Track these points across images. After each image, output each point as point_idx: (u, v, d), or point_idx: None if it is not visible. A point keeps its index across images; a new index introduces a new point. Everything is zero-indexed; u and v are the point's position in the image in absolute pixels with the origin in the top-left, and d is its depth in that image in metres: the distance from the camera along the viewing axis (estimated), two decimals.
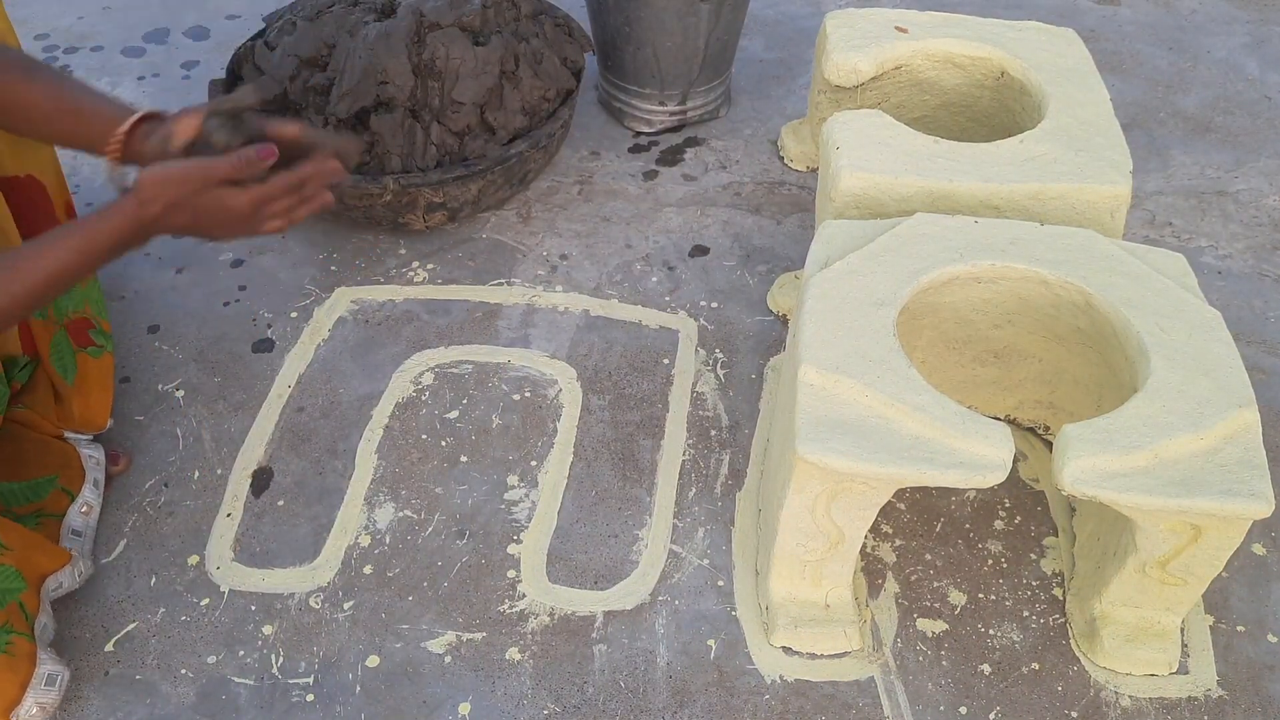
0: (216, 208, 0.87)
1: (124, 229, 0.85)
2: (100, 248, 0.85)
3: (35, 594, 0.93)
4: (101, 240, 0.85)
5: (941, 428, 0.85)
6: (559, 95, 1.38)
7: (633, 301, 1.34)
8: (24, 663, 0.89)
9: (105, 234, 0.85)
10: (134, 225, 0.86)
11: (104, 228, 0.85)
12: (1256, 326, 1.33)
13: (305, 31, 1.32)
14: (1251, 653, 1.01)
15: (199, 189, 0.86)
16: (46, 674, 0.91)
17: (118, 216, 0.85)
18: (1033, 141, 1.13)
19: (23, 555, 0.92)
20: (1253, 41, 1.86)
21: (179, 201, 0.86)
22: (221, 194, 0.87)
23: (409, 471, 1.14)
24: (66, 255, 0.84)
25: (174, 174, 0.85)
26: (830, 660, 0.99)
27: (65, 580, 0.97)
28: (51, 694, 0.91)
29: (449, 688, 0.97)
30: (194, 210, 0.87)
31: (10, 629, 0.88)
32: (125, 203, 0.85)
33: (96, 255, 0.85)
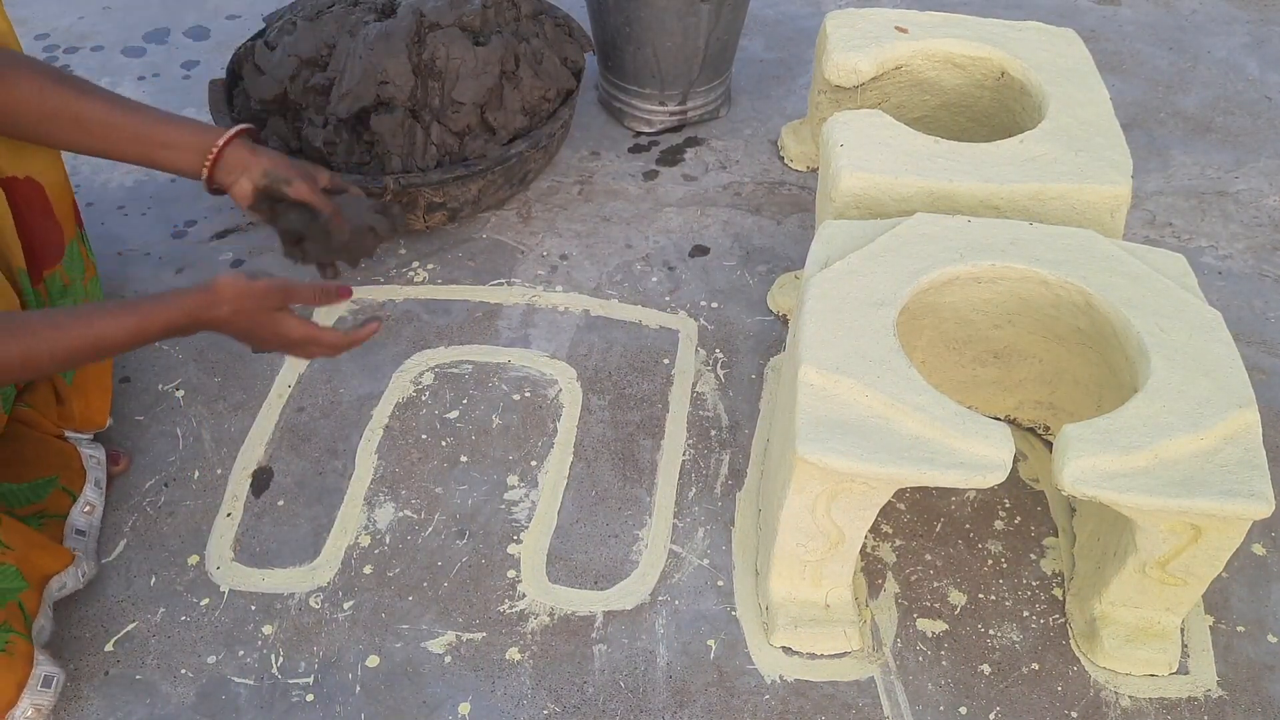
0: (273, 330, 0.93)
1: (182, 321, 0.89)
2: (154, 331, 0.87)
3: (37, 594, 0.93)
4: (157, 325, 0.87)
5: (941, 428, 0.85)
6: (559, 95, 1.38)
7: (633, 301, 1.34)
8: (21, 663, 0.89)
9: (162, 321, 0.88)
10: (193, 320, 0.89)
11: (163, 315, 0.87)
12: (1256, 326, 1.33)
13: (305, 31, 1.32)
14: (1251, 653, 1.01)
15: (270, 307, 0.92)
16: (43, 675, 0.91)
17: (180, 307, 0.88)
18: (1033, 141, 1.13)
19: (24, 555, 0.91)
20: (1253, 41, 1.86)
21: (246, 312, 0.91)
22: (283, 318, 0.93)
23: (409, 471, 1.14)
24: (118, 331, 0.86)
25: (256, 289, 0.90)
26: (830, 660, 0.99)
27: (69, 581, 0.97)
28: (47, 696, 0.91)
29: (449, 688, 0.97)
30: (253, 323, 0.92)
31: (9, 628, 0.88)
32: (193, 297, 0.88)
33: (148, 336, 0.88)
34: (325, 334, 0.96)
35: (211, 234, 1.41)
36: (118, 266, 1.35)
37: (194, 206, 1.45)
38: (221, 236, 1.40)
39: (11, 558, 0.89)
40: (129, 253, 1.38)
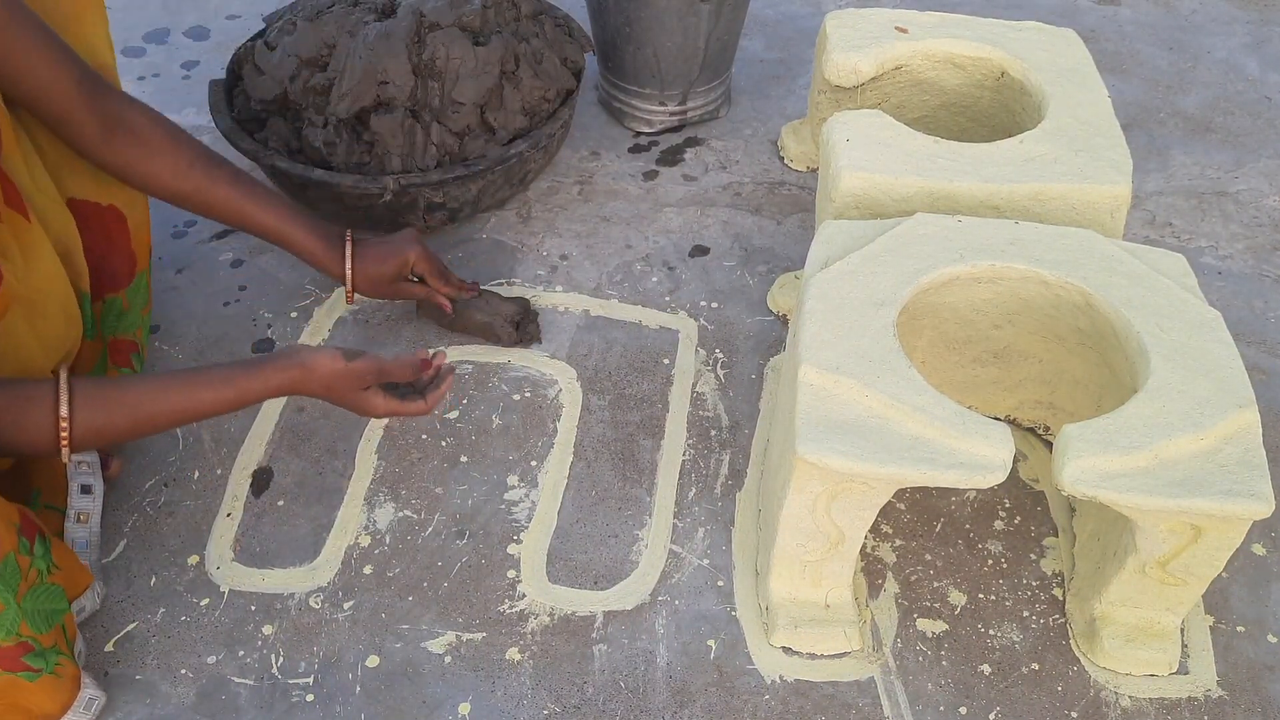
0: (360, 406, 0.98)
1: (274, 393, 0.94)
2: (246, 401, 0.93)
3: (71, 614, 0.93)
4: (251, 397, 0.93)
5: (941, 428, 0.85)
6: (559, 95, 1.38)
7: (633, 301, 1.34)
8: (69, 685, 0.89)
9: (256, 393, 0.93)
10: (285, 392, 0.94)
11: (259, 390, 0.93)
12: (1256, 326, 1.33)
13: (305, 31, 1.32)
14: (1251, 653, 1.01)
15: (362, 388, 0.96)
16: (88, 698, 0.91)
17: (277, 384, 0.93)
18: (1033, 142, 1.13)
19: (69, 575, 0.91)
20: (1253, 41, 1.86)
21: (338, 391, 0.95)
22: (372, 397, 0.97)
23: (409, 471, 1.14)
24: (216, 404, 0.91)
25: (353, 372, 0.95)
26: (830, 660, 0.99)
27: (87, 604, 0.97)
28: (88, 717, 0.91)
29: (449, 688, 0.97)
30: (343, 400, 0.97)
31: (58, 650, 0.87)
32: (290, 374, 0.93)
33: (239, 405, 0.93)
34: (409, 406, 0.99)
35: (212, 234, 1.41)
36: None
37: None
38: (221, 237, 1.40)
39: (60, 578, 0.89)
40: None
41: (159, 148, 1.03)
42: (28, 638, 0.83)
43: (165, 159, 1.03)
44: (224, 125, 1.31)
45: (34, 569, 0.84)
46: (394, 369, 0.98)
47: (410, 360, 1.00)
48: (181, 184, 1.05)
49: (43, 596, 0.86)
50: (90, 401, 0.86)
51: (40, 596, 0.85)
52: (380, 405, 0.98)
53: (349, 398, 0.96)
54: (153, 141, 1.02)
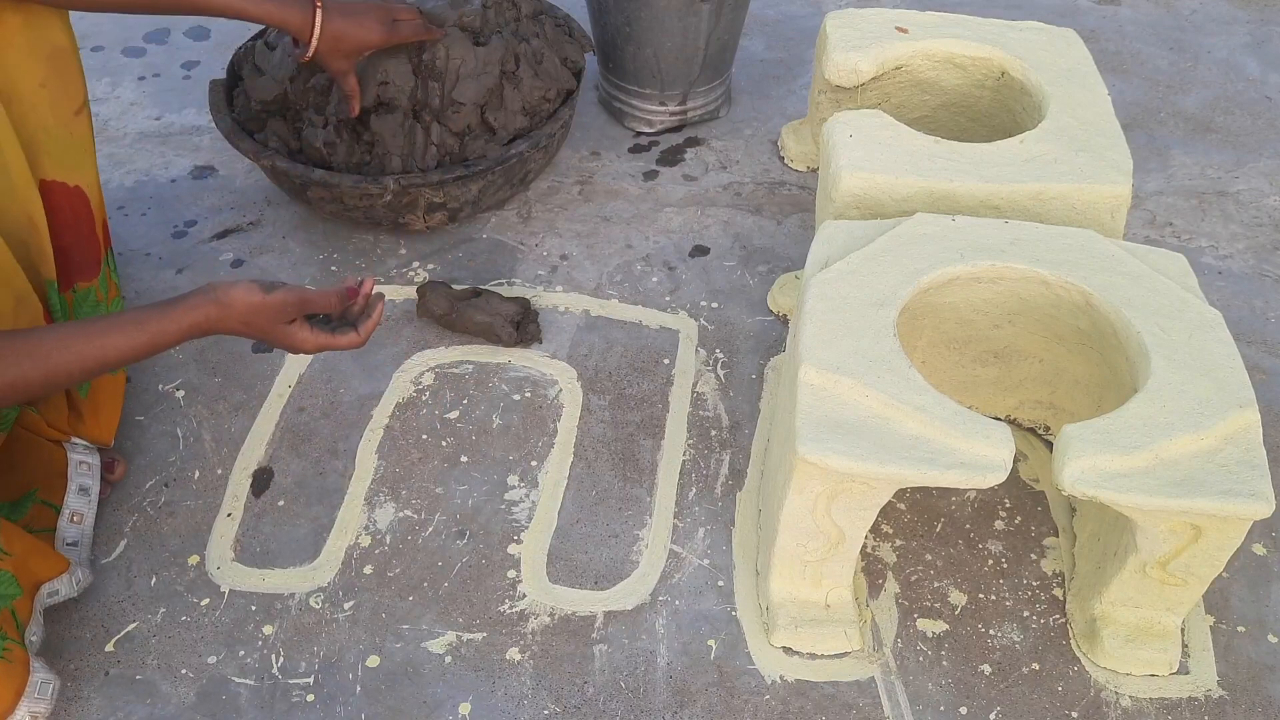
0: (285, 341, 0.93)
1: (190, 332, 0.89)
2: (165, 345, 0.88)
3: (29, 601, 0.92)
4: (167, 339, 0.88)
5: (942, 428, 0.85)
6: (559, 95, 1.38)
7: (633, 301, 1.34)
8: (19, 670, 0.88)
9: (171, 334, 0.88)
10: (201, 331, 0.90)
11: (175, 331, 0.88)
12: (1257, 326, 1.33)
13: None
14: (1252, 653, 1.01)
15: (284, 321, 0.92)
16: (39, 681, 0.90)
17: (190, 319, 0.89)
18: (1033, 141, 1.13)
19: (21, 561, 0.91)
20: (1253, 41, 1.86)
21: (257, 325, 0.91)
22: (296, 331, 0.93)
23: (409, 471, 1.14)
24: (130, 348, 0.87)
25: (271, 304, 0.90)
26: (830, 660, 0.99)
27: (62, 588, 0.97)
28: (43, 704, 0.90)
29: (449, 688, 0.97)
30: (265, 335, 0.92)
31: (4, 635, 0.87)
32: (205, 310, 0.89)
33: (158, 349, 0.89)
34: (339, 340, 0.95)
35: (211, 234, 1.41)
36: (118, 266, 1.34)
37: (194, 206, 1.45)
38: (221, 237, 1.40)
39: (9, 564, 0.89)
40: (129, 253, 1.38)
41: None
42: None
43: None
44: (224, 125, 1.31)
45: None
46: (317, 300, 0.93)
47: (335, 290, 0.95)
48: None
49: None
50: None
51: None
52: (308, 340, 0.93)
53: (272, 332, 0.92)
54: None
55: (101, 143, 1.54)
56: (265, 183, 1.47)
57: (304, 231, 1.41)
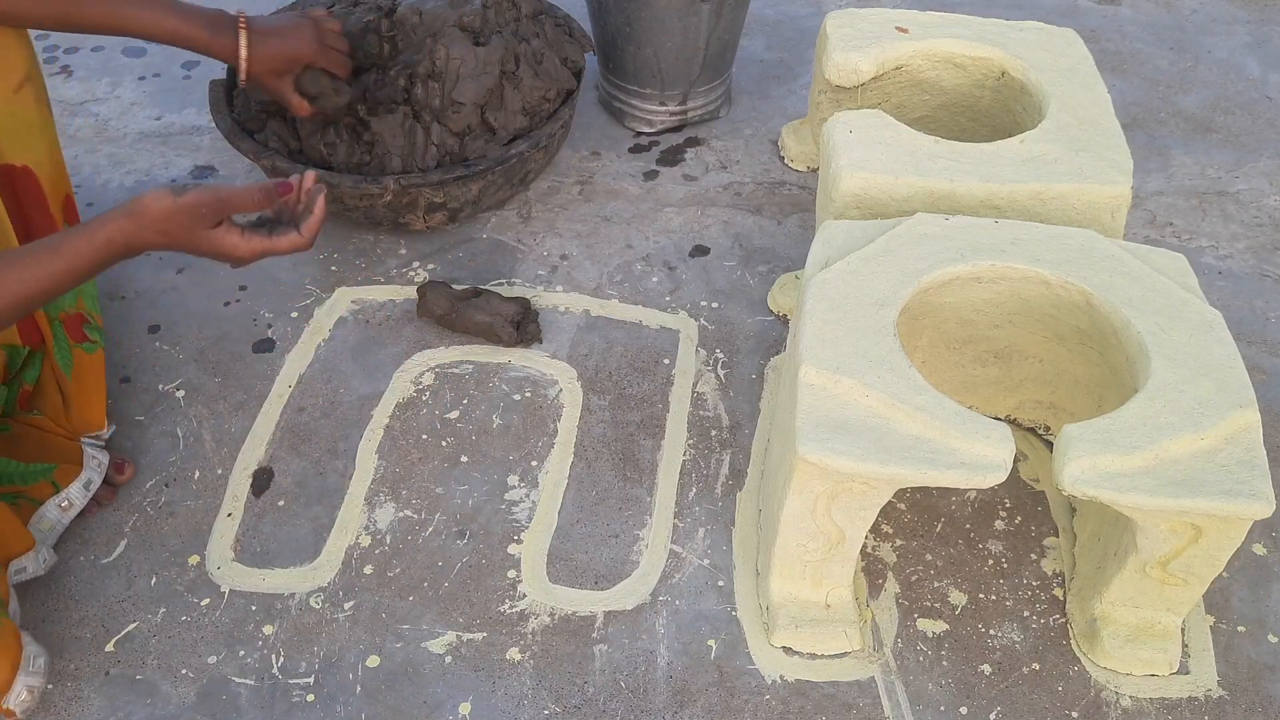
0: (214, 248, 0.87)
1: (107, 251, 0.84)
2: (81, 267, 0.83)
3: (3, 577, 0.92)
4: (85, 261, 0.83)
5: (942, 428, 0.85)
6: (559, 95, 1.38)
7: (633, 301, 1.34)
8: (12, 642, 0.89)
9: (87, 255, 0.83)
10: (125, 250, 0.84)
11: (89, 252, 0.83)
12: (1257, 326, 1.33)
13: None
14: (1252, 653, 1.01)
15: (205, 225, 0.85)
16: (31, 655, 0.91)
17: (104, 234, 0.83)
18: (1033, 141, 1.13)
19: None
20: (1253, 41, 1.86)
21: (175, 233, 0.85)
22: (224, 235, 0.86)
23: (409, 471, 1.14)
24: (47, 276, 0.81)
25: (183, 206, 0.83)
26: (830, 660, 0.99)
27: (29, 565, 0.97)
28: (38, 679, 0.91)
29: (449, 688, 0.97)
30: (189, 243, 0.86)
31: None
32: (116, 224, 0.83)
33: (75, 273, 0.83)
34: (279, 242, 0.88)
35: None
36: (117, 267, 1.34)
37: None
38: None
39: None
40: None
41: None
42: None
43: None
44: (224, 125, 1.31)
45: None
46: (239, 197, 0.86)
47: (260, 185, 0.87)
48: (47, 7, 0.97)
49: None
50: None
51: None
52: (239, 245, 0.86)
53: (194, 240, 0.85)
54: None
55: (101, 143, 1.54)
56: None
57: None
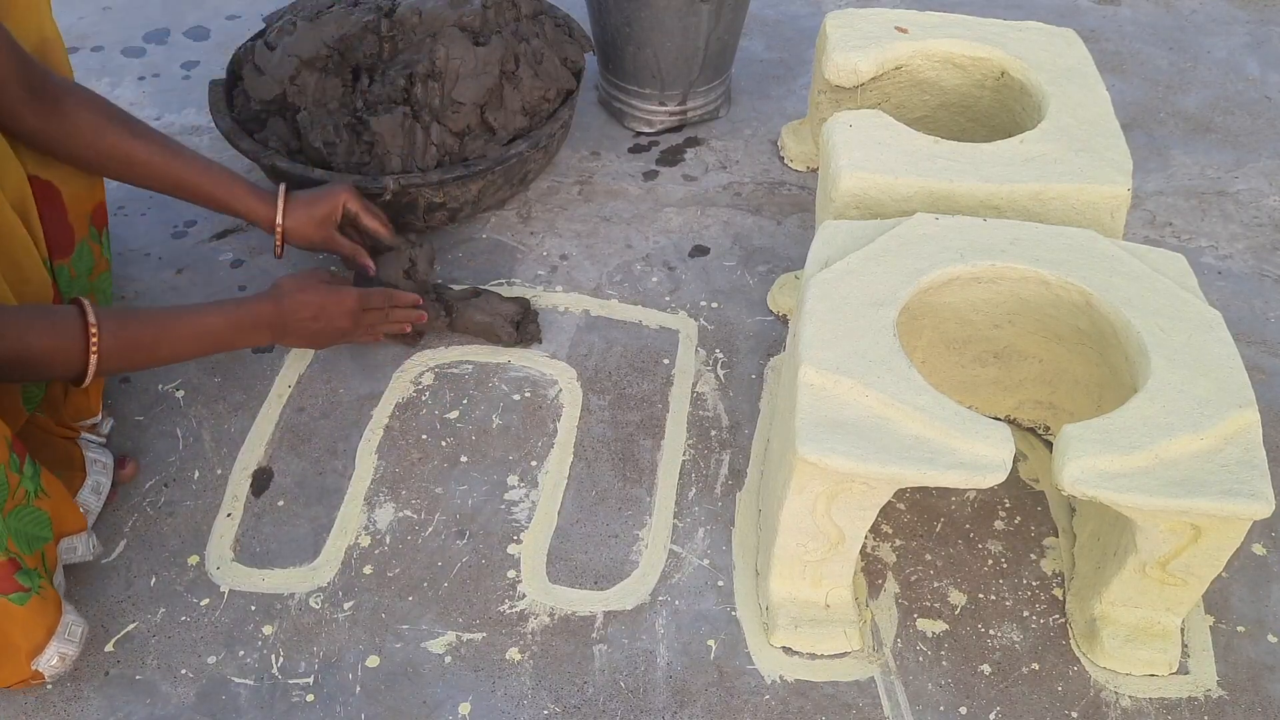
0: (334, 296, 1.09)
1: (268, 313, 1.05)
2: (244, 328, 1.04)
3: (55, 549, 0.94)
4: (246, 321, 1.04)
5: (942, 428, 0.85)
6: (559, 95, 1.38)
7: (633, 301, 1.34)
8: (52, 608, 0.90)
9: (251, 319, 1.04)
10: (276, 311, 1.06)
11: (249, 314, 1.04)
12: (1256, 326, 1.33)
13: (305, 32, 1.32)
14: (1252, 653, 1.01)
15: (324, 279, 1.10)
16: (69, 623, 0.92)
17: (264, 304, 1.05)
18: (1033, 142, 1.13)
19: (56, 506, 0.93)
20: (1253, 41, 1.86)
21: (309, 287, 1.08)
22: (338, 286, 1.10)
23: (409, 471, 1.14)
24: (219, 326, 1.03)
25: (307, 270, 1.10)
26: (830, 660, 0.99)
27: (80, 546, 0.98)
28: (72, 647, 0.92)
29: (449, 688, 0.97)
30: (319, 297, 1.08)
31: (39, 574, 0.88)
32: (269, 295, 1.07)
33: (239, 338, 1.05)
34: (373, 292, 1.15)
35: (211, 234, 1.41)
36: (117, 266, 1.35)
37: (194, 207, 1.44)
38: (221, 237, 1.40)
39: (47, 505, 0.90)
40: (129, 253, 1.38)
41: (77, 106, 1.04)
42: (14, 554, 0.85)
43: (85, 118, 1.04)
44: (224, 125, 1.31)
45: (22, 488, 0.86)
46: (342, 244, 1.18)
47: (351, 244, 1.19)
48: (102, 141, 1.06)
49: (28, 520, 0.87)
50: (113, 314, 0.94)
51: (25, 519, 0.87)
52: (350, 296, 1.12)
53: (326, 296, 1.10)
54: (70, 101, 1.03)
55: None
56: (265, 182, 1.47)
57: None
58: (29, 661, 0.89)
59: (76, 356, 0.91)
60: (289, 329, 1.08)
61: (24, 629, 0.88)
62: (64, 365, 0.91)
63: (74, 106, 1.04)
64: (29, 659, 0.89)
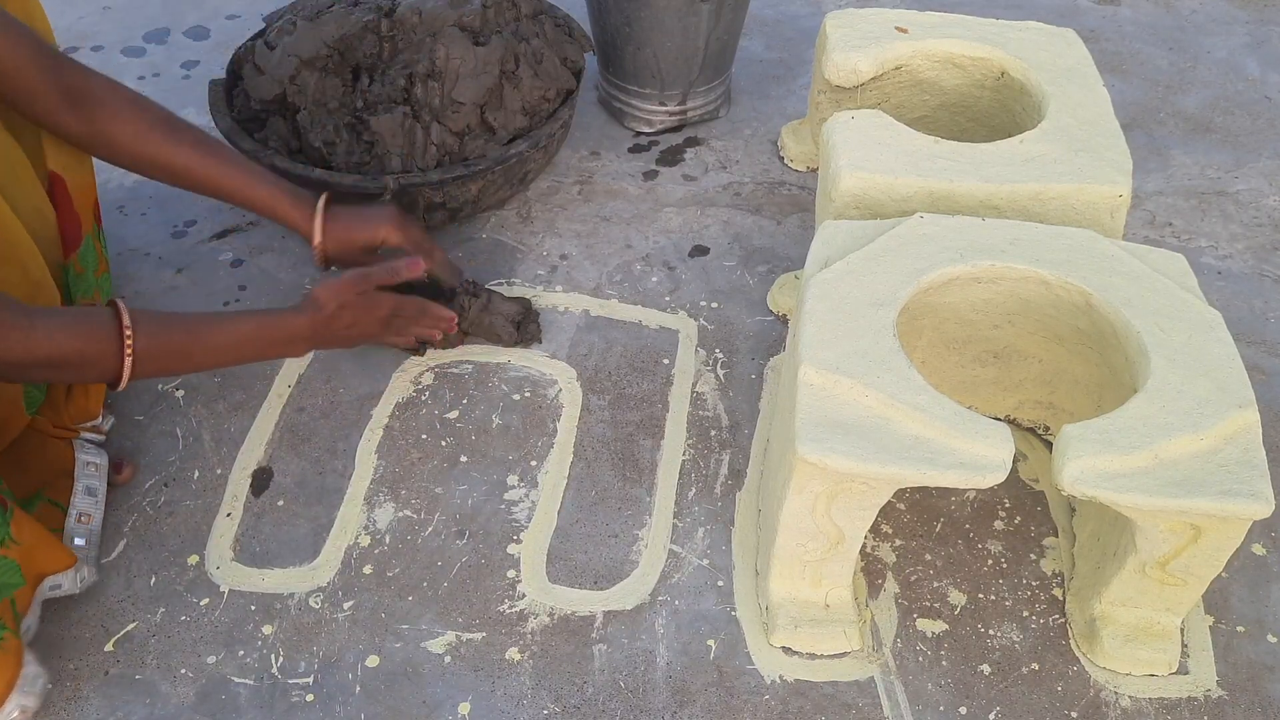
0: (368, 305, 1.08)
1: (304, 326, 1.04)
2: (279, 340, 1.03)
3: (30, 591, 0.92)
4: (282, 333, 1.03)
5: (941, 428, 0.85)
6: (559, 95, 1.38)
7: (633, 301, 1.34)
8: (12, 660, 0.89)
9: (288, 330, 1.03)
10: (311, 325, 1.04)
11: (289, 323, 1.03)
12: (1256, 326, 1.33)
13: (305, 31, 1.32)
14: (1251, 653, 1.01)
15: (361, 290, 1.07)
16: (30, 675, 0.90)
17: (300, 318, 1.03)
18: (1033, 142, 1.13)
19: (28, 551, 0.91)
20: (1253, 41, 1.86)
21: (346, 301, 1.06)
22: (373, 295, 1.09)
23: (409, 471, 1.14)
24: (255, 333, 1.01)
25: (342, 280, 1.06)
26: (830, 660, 0.99)
27: (65, 583, 0.97)
28: (33, 698, 0.90)
29: (449, 688, 0.97)
30: (355, 308, 1.07)
31: (3, 625, 0.87)
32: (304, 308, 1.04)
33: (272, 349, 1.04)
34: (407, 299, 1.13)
35: (211, 234, 1.41)
36: (117, 266, 1.35)
37: (194, 206, 1.45)
38: (221, 236, 1.40)
39: (15, 553, 0.89)
40: (128, 252, 1.38)
41: (118, 111, 1.04)
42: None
43: (126, 123, 1.04)
44: (224, 125, 1.31)
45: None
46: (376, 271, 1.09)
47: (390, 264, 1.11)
48: (143, 147, 1.06)
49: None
50: (146, 315, 0.93)
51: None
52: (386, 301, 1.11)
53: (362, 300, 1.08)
54: (111, 105, 1.03)
55: None
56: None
57: None
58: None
59: (111, 359, 0.90)
60: (323, 341, 1.07)
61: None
62: (98, 368, 0.90)
63: (114, 111, 1.03)
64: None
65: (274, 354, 1.05)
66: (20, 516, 0.90)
